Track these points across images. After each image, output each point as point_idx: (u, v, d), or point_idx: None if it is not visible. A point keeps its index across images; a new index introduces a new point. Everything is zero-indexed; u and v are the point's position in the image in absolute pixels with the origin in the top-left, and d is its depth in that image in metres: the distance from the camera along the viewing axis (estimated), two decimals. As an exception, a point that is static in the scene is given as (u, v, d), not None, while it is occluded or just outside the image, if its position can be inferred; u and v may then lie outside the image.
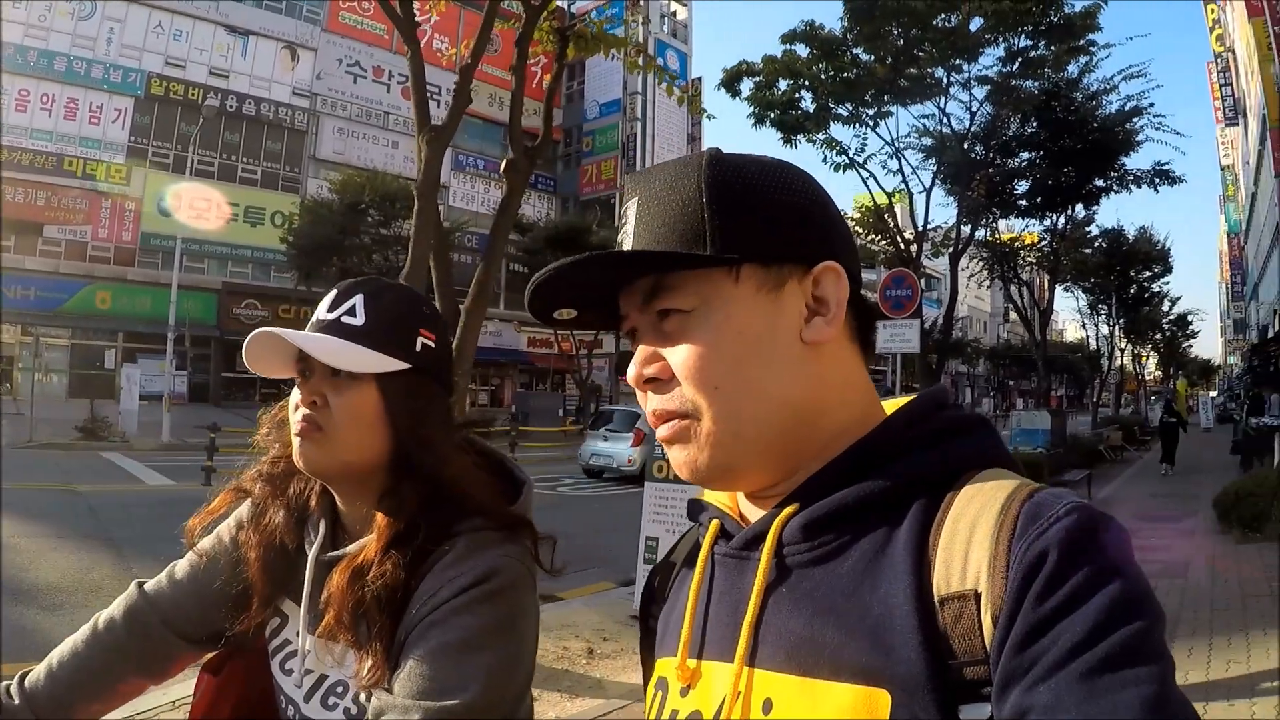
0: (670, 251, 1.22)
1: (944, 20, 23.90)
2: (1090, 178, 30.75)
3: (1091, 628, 0.95)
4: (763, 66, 25.95)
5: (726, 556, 1.34)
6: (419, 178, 9.24)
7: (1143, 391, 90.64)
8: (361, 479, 2.01)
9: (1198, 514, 20.40)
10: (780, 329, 1.23)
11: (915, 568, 1.11)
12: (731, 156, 1.28)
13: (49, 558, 13.00)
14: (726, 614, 1.29)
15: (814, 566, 1.21)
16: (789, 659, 1.16)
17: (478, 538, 1.93)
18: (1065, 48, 25.28)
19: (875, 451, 1.23)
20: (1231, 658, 9.37)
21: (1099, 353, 64.54)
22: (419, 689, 1.74)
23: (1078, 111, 28.74)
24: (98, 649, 2.11)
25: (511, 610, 1.87)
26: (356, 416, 1.94)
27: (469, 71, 9.29)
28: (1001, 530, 1.07)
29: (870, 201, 30.20)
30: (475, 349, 9.26)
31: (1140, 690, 0.91)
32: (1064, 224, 38.16)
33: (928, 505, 1.17)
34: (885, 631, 1.09)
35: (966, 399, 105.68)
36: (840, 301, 1.26)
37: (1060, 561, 1.00)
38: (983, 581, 1.05)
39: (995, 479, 1.16)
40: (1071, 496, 1.09)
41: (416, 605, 1.85)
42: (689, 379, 1.22)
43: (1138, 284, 57.53)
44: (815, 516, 1.22)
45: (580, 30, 10.86)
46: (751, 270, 1.23)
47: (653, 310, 1.26)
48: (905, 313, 18.53)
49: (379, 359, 1.95)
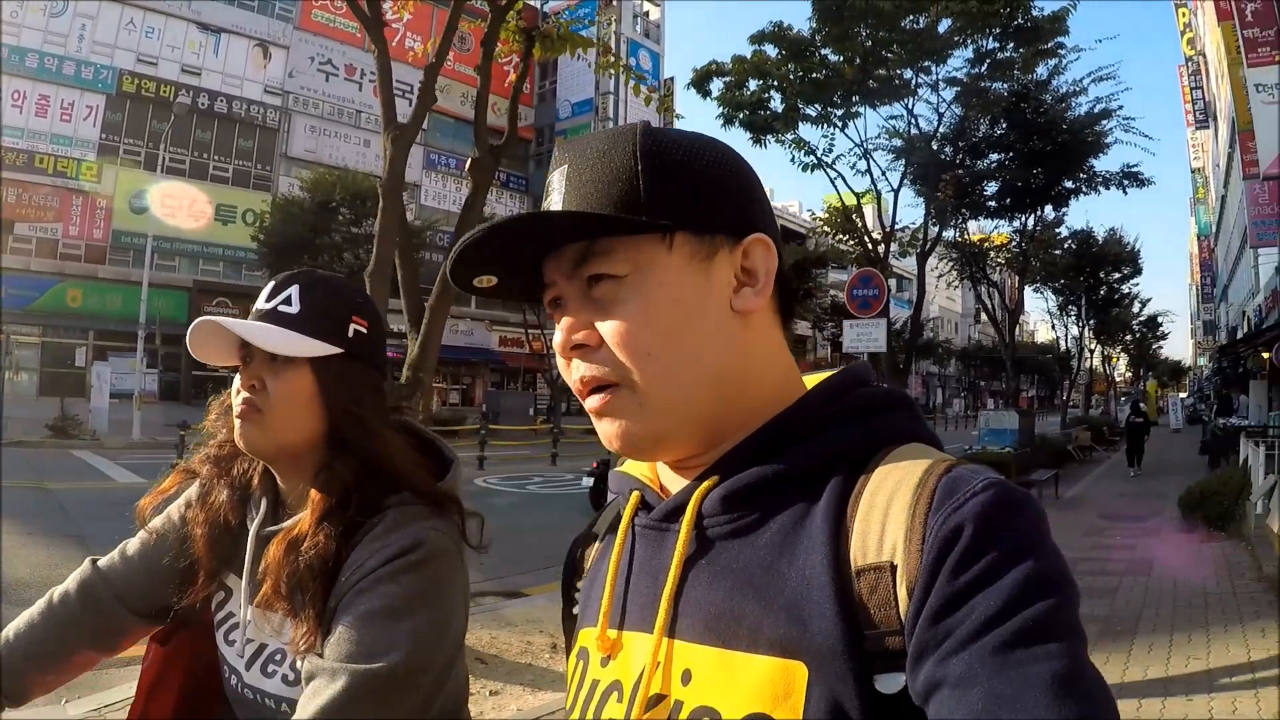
0: (610, 215, 1.22)
1: (912, 21, 23.92)
2: (1059, 179, 30.78)
3: (1005, 603, 0.97)
4: (732, 67, 25.97)
5: (647, 528, 1.36)
6: (384, 175, 9.25)
7: (1113, 392, 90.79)
8: (298, 457, 2.11)
9: (1164, 513, 20.48)
10: (712, 298, 1.25)
11: (832, 540, 1.13)
12: (664, 129, 1.29)
13: (19, 554, 12.92)
14: (647, 585, 1.31)
15: (733, 539, 1.23)
16: (708, 630, 1.19)
17: (405, 511, 2.02)
18: (1034, 50, 25.34)
19: (794, 426, 1.26)
20: (1191, 654, 9.43)
21: (1069, 354, 64.60)
22: (346, 653, 1.81)
23: (1047, 113, 28.81)
24: (52, 622, 2.22)
25: (436, 579, 1.95)
26: (292, 398, 2.05)
27: (434, 70, 9.30)
28: (918, 503, 1.08)
29: (839, 202, 30.22)
30: (440, 344, 9.25)
31: (1051, 665, 0.93)
32: (1033, 225, 38.25)
33: (846, 479, 1.19)
34: (802, 604, 1.11)
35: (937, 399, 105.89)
36: (769, 272, 1.28)
37: (976, 536, 1.01)
38: (898, 554, 1.07)
39: (913, 454, 1.19)
40: (989, 473, 1.11)
41: (346, 574, 1.94)
42: (621, 346, 1.22)
43: (1107, 285, 57.54)
44: (734, 489, 1.24)
45: (546, 30, 10.88)
46: (685, 238, 1.23)
47: (582, 276, 1.25)
48: (872, 312, 18.52)
49: (313, 344, 2.07)
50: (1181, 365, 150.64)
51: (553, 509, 21.49)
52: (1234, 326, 56.21)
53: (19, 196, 49.14)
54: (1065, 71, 28.41)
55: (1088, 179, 31.11)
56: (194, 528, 2.20)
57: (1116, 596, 12.09)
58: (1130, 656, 9.41)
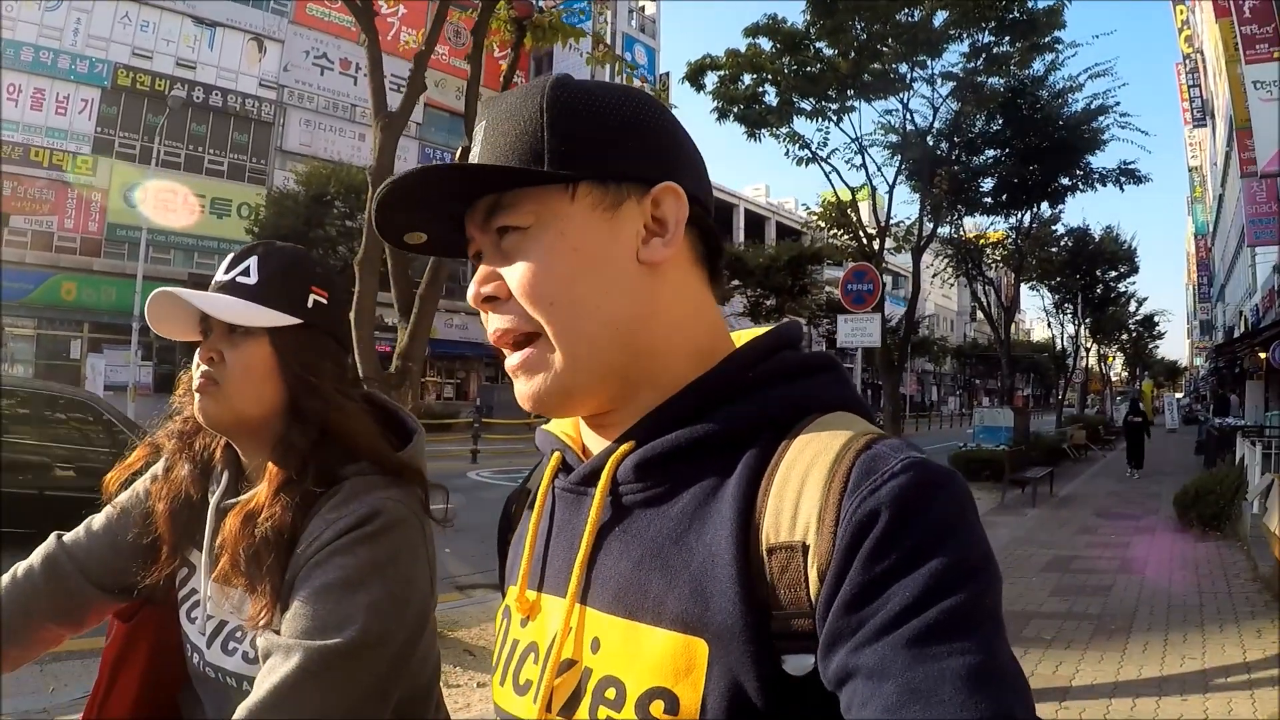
0: (502, 166, 1.22)
1: (907, 15, 23.91)
2: (1056, 176, 30.84)
3: (921, 593, 0.95)
4: (726, 60, 25.86)
5: (565, 490, 1.35)
6: (373, 163, 9.22)
7: (1108, 391, 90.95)
8: (258, 430, 2.09)
9: (1158, 512, 20.56)
10: (616, 247, 1.23)
11: (743, 515, 1.11)
12: (578, 81, 1.28)
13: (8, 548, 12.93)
14: (564, 549, 1.30)
15: (646, 507, 1.21)
16: (616, 601, 1.18)
17: (363, 481, 2.00)
18: (1029, 44, 25.32)
19: (713, 391, 1.22)
20: (1187, 653, 9.48)
21: (1065, 352, 64.71)
22: (301, 628, 1.79)
23: (1043, 109, 28.84)
24: (16, 596, 2.16)
25: (393, 550, 1.92)
26: (249, 369, 2.04)
27: (423, 59, 9.28)
28: (833, 482, 1.06)
29: (834, 196, 30.23)
30: (429, 334, 9.23)
31: (967, 659, 0.92)
32: (1029, 222, 38.29)
33: (763, 449, 1.16)
34: (706, 580, 1.10)
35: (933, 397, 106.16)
36: (679, 221, 1.25)
37: (892, 522, 0.99)
38: (811, 534, 1.05)
39: (834, 426, 1.16)
40: (909, 450, 1.08)
41: (302, 546, 1.92)
42: (524, 295, 1.21)
43: (1104, 284, 57.74)
44: (648, 456, 1.21)
45: (537, 20, 10.85)
46: (588, 188, 1.22)
47: (492, 228, 1.25)
48: (867, 307, 18.58)
49: (270, 314, 2.06)
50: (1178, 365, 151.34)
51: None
52: (1231, 326, 56.36)
53: (14, 190, 49.16)
54: (1062, 67, 28.51)
55: (1084, 176, 31.14)
56: (156, 503, 2.18)
57: (1110, 595, 12.13)
58: (1125, 655, 9.43)
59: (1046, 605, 11.59)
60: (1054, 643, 9.88)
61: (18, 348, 46.98)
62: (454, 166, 1.22)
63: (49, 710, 7.19)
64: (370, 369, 7.93)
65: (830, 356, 1.32)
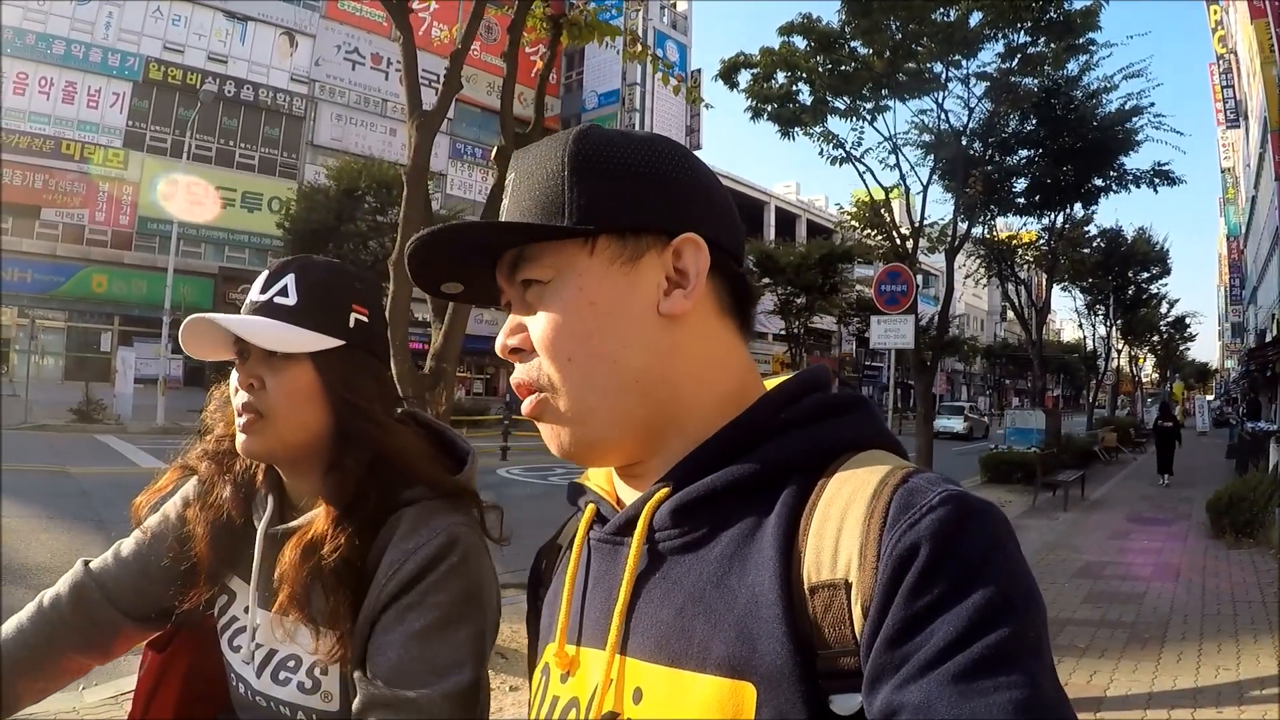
0: (519, 222, 1.25)
1: (942, 14, 23.73)
2: (1089, 176, 30.58)
3: (965, 627, 0.94)
4: (760, 58, 25.80)
5: (601, 542, 1.34)
6: (408, 162, 9.18)
7: (1139, 393, 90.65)
8: (305, 455, 2.03)
9: (1190, 518, 20.45)
10: (635, 300, 1.24)
11: (784, 555, 1.10)
12: (602, 131, 1.29)
13: (39, 539, 13.08)
14: (601, 600, 1.29)
15: (684, 553, 1.21)
16: (658, 649, 1.17)
17: (425, 507, 1.97)
18: (1065, 45, 25.16)
19: (745, 434, 1.23)
20: (1221, 664, 9.40)
21: (1095, 353, 64.49)
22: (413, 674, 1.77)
23: (1077, 110, 28.63)
24: (42, 625, 2.12)
25: (477, 580, 1.91)
26: (293, 396, 1.97)
27: (459, 57, 9.25)
28: (872, 518, 1.05)
29: (867, 196, 30.14)
30: (464, 334, 9.19)
31: (1014, 693, 0.90)
32: (1062, 223, 38.14)
33: (800, 490, 1.16)
34: (751, 622, 1.09)
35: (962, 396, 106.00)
36: (700, 273, 1.26)
37: (933, 556, 0.99)
38: (853, 571, 1.05)
39: (869, 462, 1.15)
40: (947, 483, 1.07)
41: (381, 581, 1.87)
42: (544, 350, 1.24)
43: (1135, 285, 57.51)
44: (684, 502, 1.21)
45: (573, 18, 10.81)
46: (607, 242, 1.24)
47: (517, 281, 1.28)
48: (900, 308, 18.52)
49: (312, 338, 1.99)
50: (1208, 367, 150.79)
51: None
52: (1263, 329, 56.00)
53: (45, 183, 49.49)
54: (1096, 68, 28.26)
55: (1118, 177, 30.93)
56: (195, 527, 2.11)
57: (1144, 603, 12.07)
58: (1159, 665, 9.38)
59: (1080, 612, 11.52)
60: (1088, 651, 9.82)
61: (48, 340, 47.33)
62: (471, 225, 1.27)
63: (78, 710, 7.19)
64: (405, 369, 7.90)
65: (859, 395, 1.32)
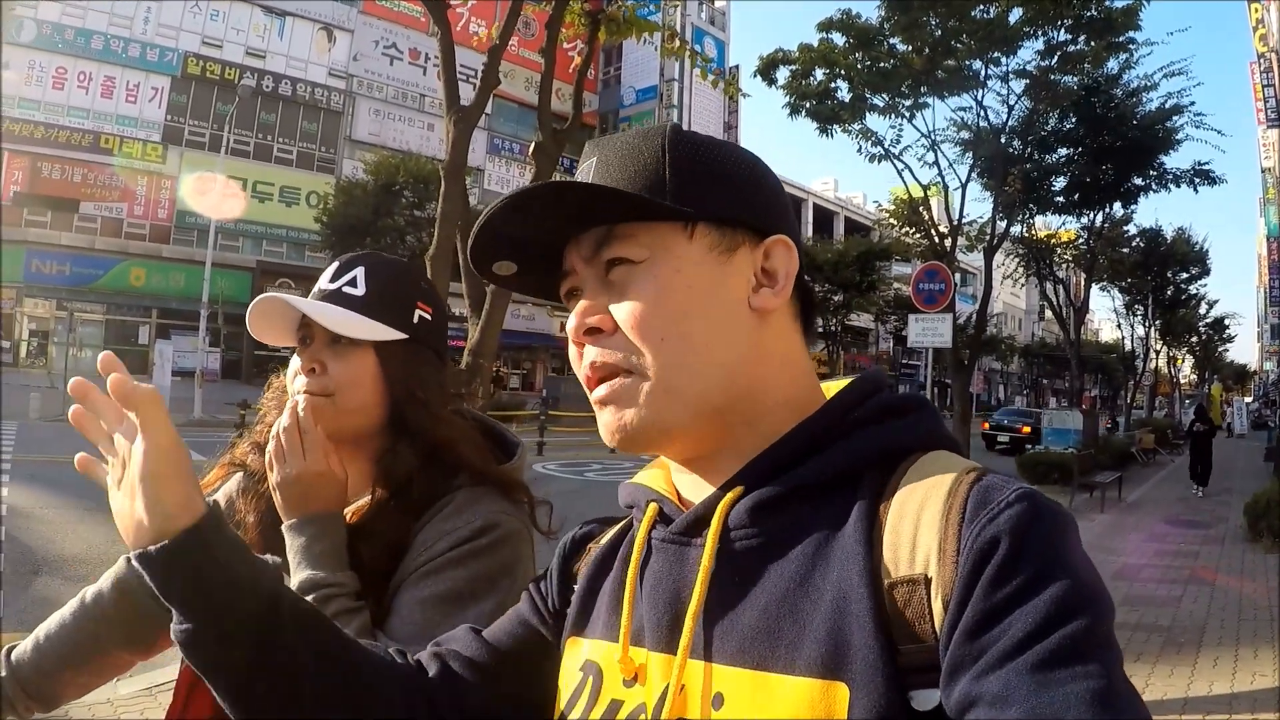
0: (631, 193, 1.20)
1: (982, 11, 23.67)
2: (1129, 176, 30.50)
3: (1043, 619, 0.94)
4: (799, 55, 25.74)
5: (666, 542, 1.30)
6: (446, 158, 9.18)
7: (1177, 394, 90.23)
8: (359, 442, 2.07)
9: (1228, 520, 20.32)
10: (728, 291, 1.24)
11: (866, 552, 1.09)
12: (693, 131, 1.30)
13: (76, 530, 13.19)
14: (664, 602, 1.25)
15: (762, 553, 1.18)
16: (741, 652, 1.13)
17: (475, 491, 2.02)
18: (1105, 43, 25.04)
19: (820, 433, 1.22)
20: (1258, 669, 9.31)
21: (1134, 354, 64.24)
22: (407, 634, 1.79)
23: (1117, 108, 28.49)
24: (85, 621, 2.13)
25: (507, 561, 1.96)
26: (356, 381, 2.03)
27: (497, 53, 9.26)
28: (950, 513, 1.06)
29: (905, 194, 30.06)
30: (500, 329, 9.20)
31: (1090, 684, 0.90)
32: (1101, 222, 37.98)
33: (874, 488, 1.16)
34: (841, 620, 1.07)
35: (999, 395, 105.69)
36: (790, 274, 1.27)
37: (1012, 550, 0.99)
38: (932, 566, 1.04)
39: (938, 462, 1.16)
40: (1018, 482, 1.08)
41: (413, 554, 1.93)
42: (634, 328, 1.21)
43: (1175, 285, 57.28)
44: (763, 500, 1.19)
45: (612, 14, 10.80)
46: (706, 229, 1.23)
47: (601, 260, 1.25)
48: (938, 307, 18.48)
49: (378, 328, 2.05)
50: (1247, 369, 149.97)
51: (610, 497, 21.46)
52: (1303, 331, 55.67)
53: (84, 177, 49.87)
54: (1136, 66, 28.12)
55: (1158, 176, 30.77)
56: (245, 516, 2.13)
57: (1180, 607, 11.96)
58: (1195, 670, 9.29)
59: (1117, 615, 11.43)
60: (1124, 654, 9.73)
61: (86, 333, 47.63)
62: (575, 185, 1.20)
63: (112, 701, 7.20)
64: (441, 364, 7.88)
65: (922, 397, 1.33)
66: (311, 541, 1.89)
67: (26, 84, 47.97)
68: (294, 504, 1.94)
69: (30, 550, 11.57)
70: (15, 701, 2.06)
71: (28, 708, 2.06)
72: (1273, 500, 17.83)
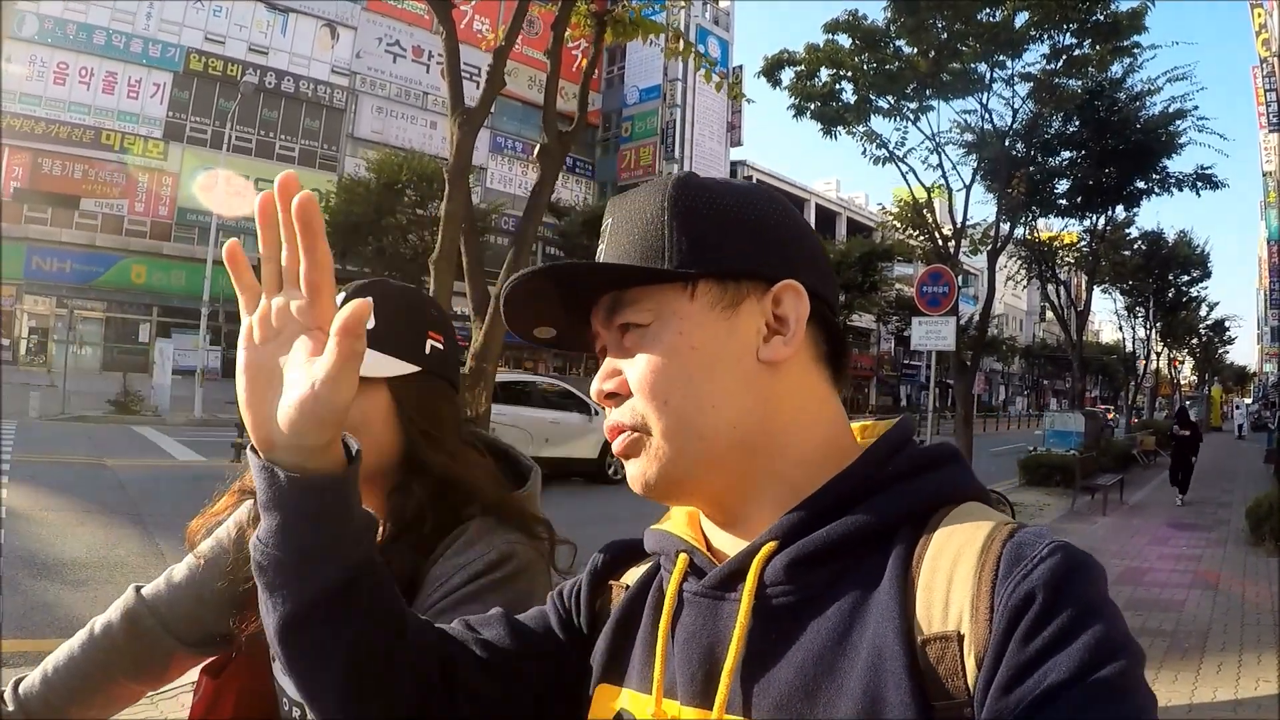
0: (616, 264, 1.25)
1: (988, 15, 23.73)
2: (1131, 179, 30.63)
3: (1077, 667, 0.94)
4: (804, 56, 25.78)
5: (699, 595, 1.28)
6: (450, 160, 9.17)
7: (1177, 396, 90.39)
8: (371, 477, 1.98)
9: (1229, 524, 20.32)
10: (734, 346, 1.24)
11: (900, 610, 1.09)
12: (701, 178, 1.31)
13: (75, 532, 13.13)
14: (698, 657, 1.23)
15: (800, 609, 1.17)
16: (778, 709, 1.12)
17: (485, 523, 1.97)
18: (1110, 47, 25.08)
19: (858, 486, 1.21)
20: (1262, 675, 9.32)
21: (1134, 355, 64.36)
22: None
23: (1121, 112, 28.63)
24: (94, 652, 2.10)
25: (523, 593, 1.88)
26: (369, 419, 1.95)
27: (503, 54, 9.23)
28: (984, 571, 1.06)
29: (909, 196, 30.11)
30: (504, 332, 9.18)
31: None
32: (1104, 225, 38.04)
33: (908, 543, 1.15)
34: (877, 677, 1.06)
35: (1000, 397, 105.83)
36: (799, 320, 1.25)
37: (1046, 602, 0.99)
38: (965, 623, 1.04)
39: (971, 515, 1.16)
40: (1051, 536, 1.08)
41: (427, 590, 1.88)
42: (641, 392, 1.23)
43: (1176, 288, 57.47)
44: (800, 555, 1.18)
45: (618, 14, 10.78)
46: (707, 286, 1.24)
47: (614, 325, 1.28)
48: (941, 309, 18.54)
49: (391, 363, 1.99)
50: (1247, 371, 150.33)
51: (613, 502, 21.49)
52: (1303, 334, 55.78)
53: (85, 173, 49.87)
54: (1140, 70, 28.20)
55: (1160, 179, 30.84)
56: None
57: (1184, 611, 11.97)
58: (1199, 676, 9.29)
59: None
60: (1129, 660, 9.74)
61: (87, 330, 47.79)
62: (569, 266, 1.24)
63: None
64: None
65: (954, 448, 1.32)
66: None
67: (28, 79, 47.98)
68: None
69: (29, 553, 11.52)
70: None
71: None
72: (1275, 504, 17.84)
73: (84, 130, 49.60)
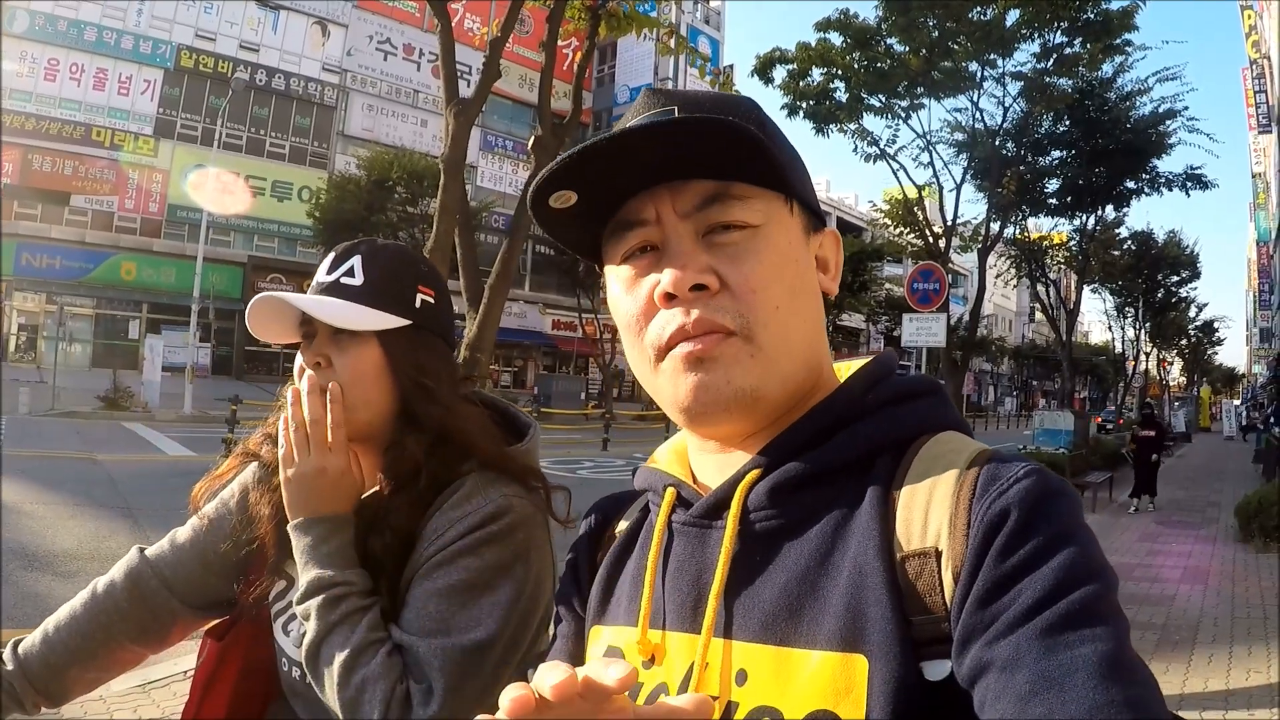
0: (776, 153, 1.17)
1: (979, 13, 23.79)
2: (1121, 179, 30.67)
3: (1052, 586, 0.97)
4: (796, 54, 25.81)
5: (686, 525, 1.30)
6: (445, 151, 9.17)
7: (1166, 396, 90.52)
8: (369, 434, 2.02)
9: (1219, 521, 20.39)
10: (813, 270, 1.28)
11: (881, 529, 1.12)
12: None
13: (66, 525, 13.15)
14: (687, 584, 1.26)
15: (782, 534, 1.20)
16: (764, 629, 1.15)
17: (484, 476, 1.98)
18: (1101, 46, 25.11)
19: (837, 415, 1.23)
20: (1252, 667, 9.35)
21: (1124, 356, 64.42)
22: (427, 628, 1.80)
23: (1111, 111, 28.72)
24: (96, 613, 2.09)
25: (519, 547, 1.92)
26: (361, 374, 1.97)
27: (499, 45, 9.28)
28: (962, 490, 1.09)
29: (900, 194, 30.14)
30: (498, 324, 9.20)
31: (1098, 646, 0.92)
32: (1093, 225, 38.09)
33: (889, 468, 1.18)
34: (858, 595, 1.09)
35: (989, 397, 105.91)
36: (839, 264, 1.34)
37: (1021, 520, 1.02)
38: (943, 539, 1.07)
39: (950, 443, 1.19)
40: (1027, 461, 1.11)
41: (424, 544, 1.89)
42: (752, 292, 1.17)
43: (1165, 288, 57.56)
44: (782, 481, 1.20)
45: (612, 9, 10.80)
46: (799, 207, 1.25)
47: (706, 219, 1.19)
48: (932, 306, 18.58)
49: (379, 317, 1.99)
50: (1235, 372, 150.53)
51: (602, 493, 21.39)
52: (1292, 334, 55.88)
53: (75, 169, 49.76)
54: (1130, 70, 28.25)
55: (1150, 179, 30.88)
56: (258, 509, 2.08)
57: (1174, 605, 12.00)
58: (1190, 667, 9.32)
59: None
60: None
61: (77, 327, 47.68)
62: (739, 126, 1.10)
63: (105, 699, 7.17)
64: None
65: (934, 380, 1.35)
66: (319, 541, 1.86)
67: (18, 76, 47.88)
68: (307, 502, 1.89)
69: (20, 545, 11.52)
70: (23, 698, 2.04)
71: (35, 704, 2.04)
72: (1263, 502, 17.90)
73: (74, 127, 49.48)
